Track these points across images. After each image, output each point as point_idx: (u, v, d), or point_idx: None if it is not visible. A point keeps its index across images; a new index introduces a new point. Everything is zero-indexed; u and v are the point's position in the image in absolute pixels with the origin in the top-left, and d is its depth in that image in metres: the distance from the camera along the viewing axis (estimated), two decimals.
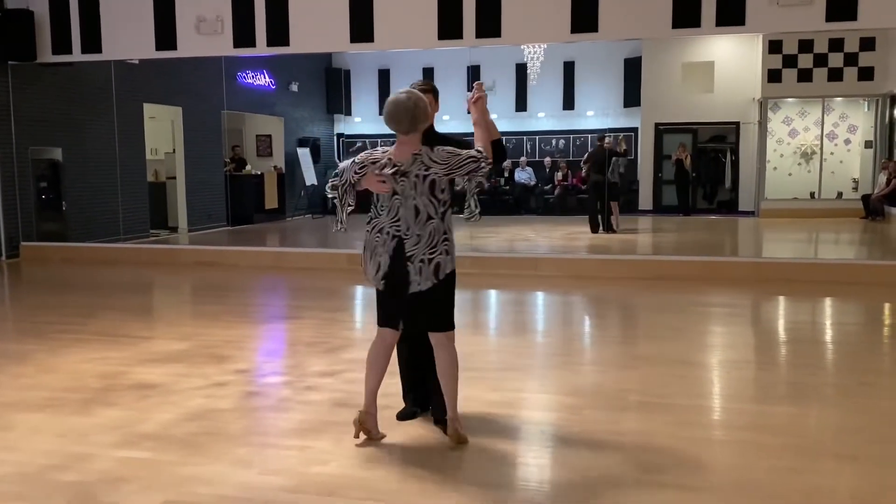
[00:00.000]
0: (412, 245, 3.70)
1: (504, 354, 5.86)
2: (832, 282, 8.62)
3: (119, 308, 7.60)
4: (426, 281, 3.71)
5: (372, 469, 3.53)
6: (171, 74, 13.71)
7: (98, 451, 3.80)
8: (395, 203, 3.72)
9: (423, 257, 3.70)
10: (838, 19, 8.40)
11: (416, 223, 3.70)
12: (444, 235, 3.75)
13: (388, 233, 3.73)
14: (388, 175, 3.70)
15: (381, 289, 3.81)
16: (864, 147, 17.46)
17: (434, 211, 3.71)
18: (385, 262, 3.74)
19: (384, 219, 3.75)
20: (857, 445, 3.80)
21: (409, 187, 3.69)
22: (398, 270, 3.72)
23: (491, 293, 8.51)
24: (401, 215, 3.71)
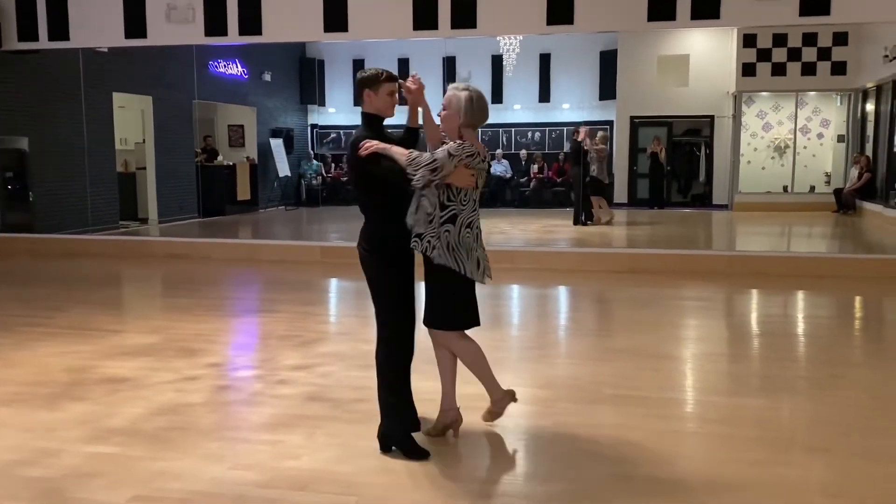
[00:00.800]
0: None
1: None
2: (804, 275, 8.70)
3: (88, 301, 7.47)
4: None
5: (345, 463, 3.49)
6: (141, 63, 13.49)
7: (66, 446, 3.72)
8: (472, 196, 3.64)
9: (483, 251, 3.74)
10: (812, 14, 8.45)
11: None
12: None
13: (478, 227, 3.68)
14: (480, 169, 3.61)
15: (485, 283, 3.75)
16: (836, 141, 17.66)
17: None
18: (483, 256, 3.69)
19: (468, 214, 3.61)
20: (829, 437, 3.83)
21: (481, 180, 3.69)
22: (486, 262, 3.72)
23: None
24: (476, 208, 3.68)
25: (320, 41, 16.87)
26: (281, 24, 9.56)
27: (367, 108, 3.70)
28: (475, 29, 9.14)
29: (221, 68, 16.33)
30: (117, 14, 9.85)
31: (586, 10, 8.84)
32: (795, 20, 8.59)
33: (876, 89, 15.69)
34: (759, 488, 3.24)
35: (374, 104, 3.67)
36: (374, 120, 3.69)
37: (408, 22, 9.22)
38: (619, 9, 8.84)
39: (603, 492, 3.22)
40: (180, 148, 15.02)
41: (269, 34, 9.66)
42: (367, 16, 9.37)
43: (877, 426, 4.00)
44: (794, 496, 3.17)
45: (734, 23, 9.51)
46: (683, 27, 10.08)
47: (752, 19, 8.93)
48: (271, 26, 9.58)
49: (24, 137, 11.64)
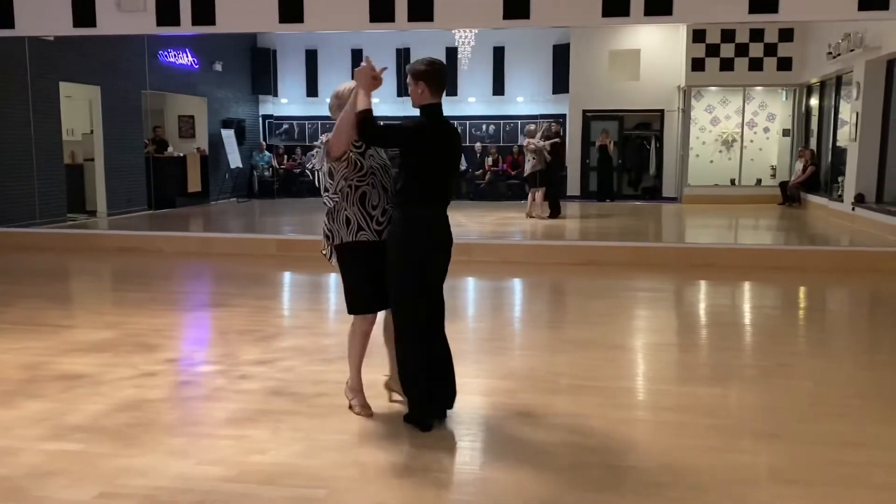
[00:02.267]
0: None
1: None
2: (752, 267, 8.95)
3: (37, 295, 7.31)
4: None
5: (311, 457, 3.51)
6: (89, 52, 13.18)
7: (24, 444, 3.67)
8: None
9: None
10: (761, 11, 8.66)
11: None
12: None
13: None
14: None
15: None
16: (781, 135, 18.13)
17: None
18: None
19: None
20: (778, 424, 3.98)
21: None
22: None
23: None
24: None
25: (273, 32, 16.65)
26: (235, 14, 9.43)
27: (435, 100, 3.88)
28: (432, 22, 9.15)
29: (171, 58, 16.03)
30: (65, 1, 9.60)
31: (542, 5, 8.91)
32: (745, 18, 8.79)
33: (820, 85, 16.16)
34: (712, 473, 3.36)
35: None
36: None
37: (364, 14, 9.18)
38: (574, 4, 8.93)
39: (562, 479, 3.29)
40: (129, 139, 14.71)
41: (223, 24, 9.50)
42: (323, 7, 9.29)
43: (823, 412, 4.16)
44: (748, 481, 3.29)
45: (686, 19, 9.70)
46: (637, 23, 10.20)
47: (704, 16, 9.13)
48: (225, 16, 9.43)
49: None
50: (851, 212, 13.17)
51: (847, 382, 4.79)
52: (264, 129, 20.05)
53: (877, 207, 12.51)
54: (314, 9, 9.30)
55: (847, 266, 8.93)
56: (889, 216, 11.63)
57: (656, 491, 3.20)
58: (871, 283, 8.28)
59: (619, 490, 3.21)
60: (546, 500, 3.12)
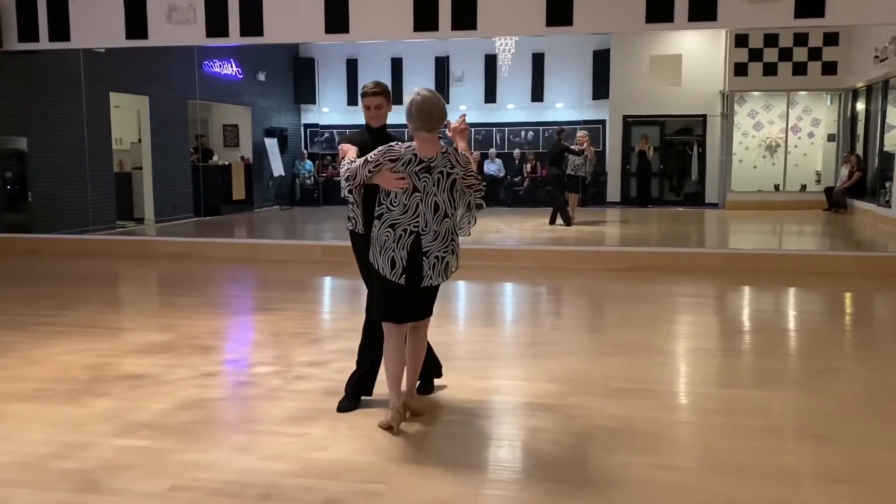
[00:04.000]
0: (429, 241, 3.79)
1: (483, 344, 5.95)
2: (796, 272, 8.88)
3: (94, 300, 7.55)
4: (438, 277, 3.84)
5: (371, 454, 3.62)
6: (137, 63, 13.54)
7: (95, 439, 3.82)
8: (414, 199, 3.76)
9: (438, 254, 3.81)
10: (807, 16, 8.62)
11: (435, 219, 3.79)
12: (453, 234, 3.88)
13: (404, 228, 3.77)
14: (413, 171, 3.76)
15: (402, 283, 3.80)
16: (826, 140, 17.88)
17: (450, 209, 3.84)
18: (402, 256, 3.77)
19: (397, 214, 3.77)
20: (828, 426, 3.99)
21: (431, 183, 3.78)
22: (413, 265, 3.78)
23: (461, 284, 8.61)
24: (420, 211, 3.77)
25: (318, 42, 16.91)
26: (282, 25, 9.66)
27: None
28: (475, 30, 9.27)
29: (216, 68, 16.40)
30: (118, 14, 9.92)
31: (585, 12, 8.98)
32: (791, 22, 8.76)
33: (866, 89, 15.93)
34: (763, 473, 3.39)
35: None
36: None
37: (408, 23, 9.33)
38: (617, 10, 8.98)
39: (611, 479, 3.35)
40: (176, 148, 15.08)
41: (271, 35, 9.74)
42: (368, 17, 9.48)
43: (874, 415, 4.16)
44: (796, 480, 3.32)
45: (731, 24, 9.67)
46: (681, 29, 10.22)
47: (749, 21, 9.09)
48: (272, 27, 9.67)
49: (23, 138, 11.70)
50: None
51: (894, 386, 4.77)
52: (306, 137, 20.35)
53: None
54: (359, 19, 9.48)
55: (893, 272, 8.81)
56: None
57: (703, 489, 3.24)
58: None
59: (675, 490, 3.26)
60: (595, 499, 3.18)
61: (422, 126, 3.78)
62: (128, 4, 9.89)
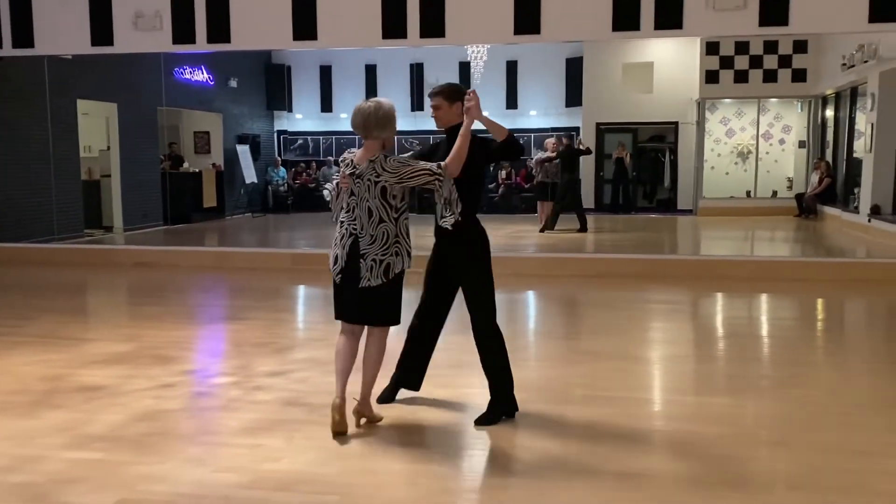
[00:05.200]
0: (366, 244, 3.93)
1: (451, 352, 5.88)
2: (765, 278, 8.94)
3: (57, 310, 7.42)
4: (376, 279, 3.93)
5: (324, 465, 3.57)
6: (105, 70, 13.38)
7: (47, 452, 3.75)
8: (352, 202, 3.97)
9: (375, 257, 3.93)
10: (771, 24, 8.71)
11: (370, 224, 3.93)
12: (395, 238, 3.95)
13: (346, 229, 3.98)
14: (347, 175, 3.96)
15: (336, 281, 4.02)
16: (797, 147, 18.08)
17: (386, 214, 3.93)
18: (341, 256, 3.98)
19: (343, 213, 4.00)
20: (787, 433, 4.00)
21: (363, 189, 3.93)
22: (351, 266, 3.93)
23: None
24: (356, 214, 3.95)
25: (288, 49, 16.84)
26: (249, 31, 9.59)
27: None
28: (444, 38, 9.26)
29: (187, 75, 16.26)
30: (83, 21, 9.80)
31: (552, 20, 9.01)
32: (756, 30, 8.83)
33: (835, 96, 16.15)
34: (718, 480, 3.39)
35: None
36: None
37: (377, 30, 9.31)
38: (584, 19, 9.02)
39: (573, 488, 3.33)
40: (145, 155, 14.91)
41: (238, 42, 9.67)
42: (336, 24, 9.44)
43: (833, 421, 4.18)
44: (751, 488, 3.32)
45: (696, 33, 9.75)
46: (647, 37, 10.29)
47: (714, 29, 9.18)
48: (240, 34, 9.60)
49: None
50: (867, 223, 13.13)
51: (858, 392, 4.80)
52: (279, 144, 20.25)
53: (893, 219, 12.47)
54: (328, 26, 9.44)
55: (862, 277, 8.91)
56: None
57: (661, 497, 3.23)
58: (887, 295, 8.25)
59: (628, 499, 3.24)
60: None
61: (358, 133, 3.98)
62: (93, 11, 9.78)
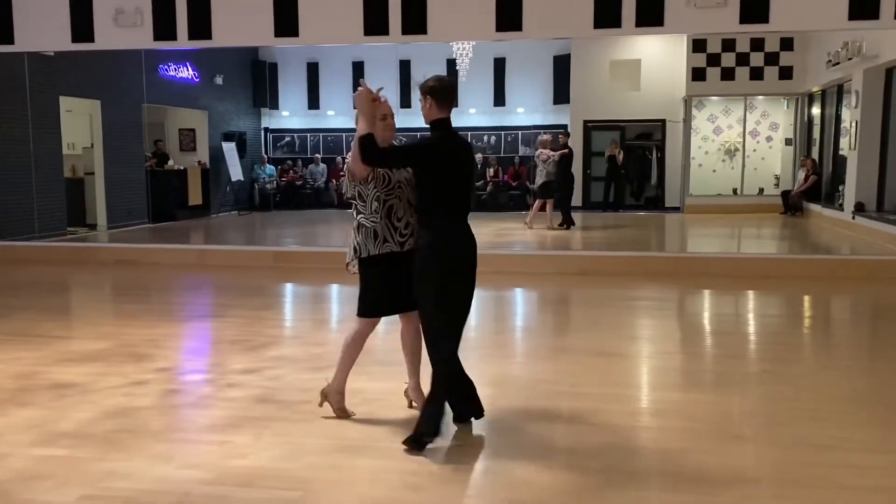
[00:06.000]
0: None
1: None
2: (749, 276, 8.95)
3: (34, 308, 7.39)
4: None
5: (290, 461, 3.57)
6: (89, 67, 13.32)
7: (13, 450, 3.74)
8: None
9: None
10: (752, 21, 8.73)
11: None
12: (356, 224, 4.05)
13: None
14: None
15: None
16: (784, 144, 18.12)
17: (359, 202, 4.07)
18: None
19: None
20: (751, 427, 4.03)
21: None
22: None
23: None
24: None
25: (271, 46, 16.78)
26: (231, 28, 9.55)
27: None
28: (426, 35, 9.25)
29: (172, 72, 16.20)
30: (63, 18, 9.74)
31: (534, 17, 9.00)
32: (736, 27, 8.84)
33: (821, 93, 16.18)
34: (681, 474, 3.41)
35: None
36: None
37: (359, 27, 9.28)
38: (565, 16, 9.01)
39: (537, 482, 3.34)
40: (129, 152, 14.83)
41: (220, 39, 9.63)
42: (318, 21, 9.41)
43: (798, 416, 4.20)
44: (713, 481, 3.33)
45: (678, 30, 9.76)
46: (629, 34, 10.30)
47: (695, 26, 9.20)
48: (221, 31, 9.56)
49: None
50: (852, 220, 13.18)
51: (827, 388, 4.82)
52: (266, 141, 20.19)
53: (877, 216, 12.51)
54: (309, 23, 9.41)
55: (846, 274, 8.95)
56: (889, 224, 11.64)
57: (621, 491, 3.24)
58: (870, 292, 8.29)
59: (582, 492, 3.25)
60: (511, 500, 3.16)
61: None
62: (73, 7, 9.71)
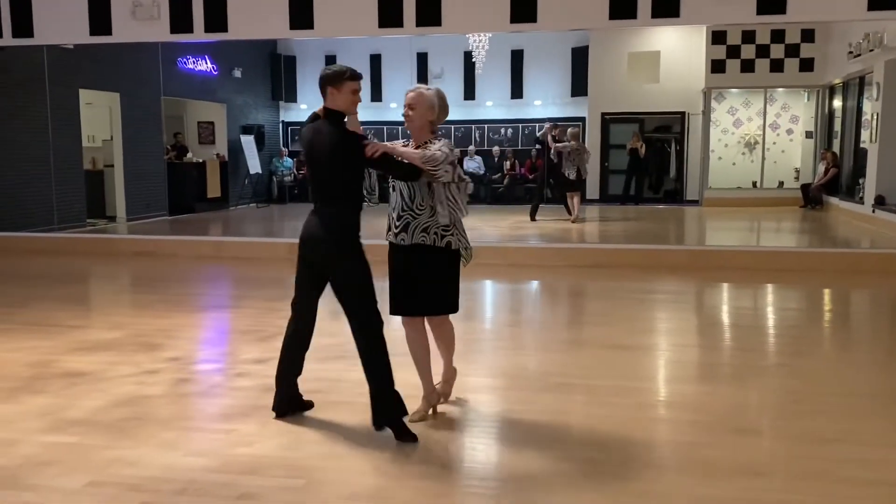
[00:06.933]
0: None
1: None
2: (765, 269, 8.86)
3: (51, 298, 7.48)
4: None
5: (295, 450, 3.60)
6: (108, 59, 13.43)
7: (24, 436, 3.80)
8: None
9: None
10: (769, 13, 8.63)
11: None
12: None
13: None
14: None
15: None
16: (805, 137, 17.91)
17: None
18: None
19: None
20: (757, 421, 4.01)
21: None
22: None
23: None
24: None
25: (287, 38, 16.84)
26: (247, 21, 9.59)
27: (330, 105, 3.85)
28: (440, 26, 9.24)
29: (191, 65, 16.29)
30: (82, 11, 9.83)
31: (549, 8, 8.96)
32: (753, 19, 8.75)
33: (842, 85, 15.97)
34: (685, 467, 3.40)
35: (336, 101, 3.83)
36: (337, 116, 3.86)
37: (373, 19, 9.29)
38: (581, 7, 8.96)
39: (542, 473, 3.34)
40: (148, 145, 14.96)
41: (235, 31, 9.68)
42: (333, 13, 9.43)
43: (805, 410, 4.17)
44: (712, 474, 3.32)
45: (694, 21, 9.65)
46: (644, 25, 10.23)
47: (712, 17, 9.11)
48: (237, 23, 9.61)
49: None
50: (872, 214, 13.02)
51: (836, 381, 4.79)
52: (284, 134, 20.27)
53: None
54: (324, 15, 9.43)
55: (865, 268, 8.84)
56: None
57: (624, 484, 3.23)
58: (889, 286, 8.18)
59: (590, 483, 3.25)
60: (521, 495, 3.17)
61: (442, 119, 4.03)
62: (92, 1, 9.81)
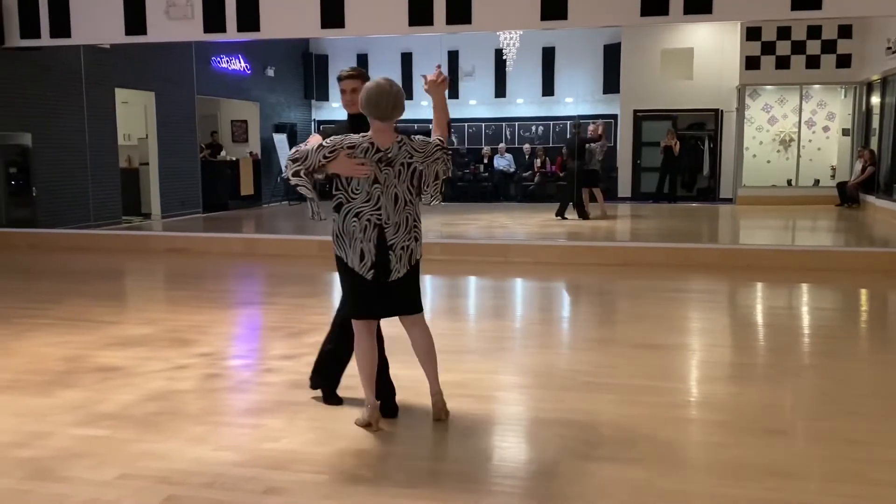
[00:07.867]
0: (392, 233, 3.69)
1: (462, 338, 5.95)
2: (798, 268, 8.73)
3: (87, 293, 7.63)
4: (403, 268, 3.74)
5: (322, 446, 3.63)
6: (144, 59, 13.65)
7: (56, 429, 3.87)
8: (374, 191, 3.65)
9: (403, 244, 3.72)
10: (804, 8, 8.50)
11: (396, 211, 3.69)
12: (415, 222, 3.77)
13: (367, 220, 3.67)
14: (373, 161, 3.65)
15: (369, 278, 3.70)
16: (841, 135, 17.61)
17: (410, 198, 3.74)
18: (369, 250, 3.67)
19: (359, 204, 3.66)
20: (786, 421, 3.96)
21: (392, 175, 3.67)
22: (381, 259, 3.69)
23: (458, 280, 8.61)
24: (381, 203, 3.66)
25: (318, 37, 16.94)
26: (279, 20, 9.70)
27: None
28: (470, 24, 9.24)
29: (224, 64, 16.49)
30: (117, 11, 10.00)
31: (580, 5, 8.92)
32: (788, 14, 8.63)
33: (881, 82, 15.65)
34: (714, 468, 3.36)
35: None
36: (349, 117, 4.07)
37: (403, 18, 9.33)
38: (612, 4, 8.92)
39: (567, 472, 3.33)
40: (183, 143, 15.19)
41: (267, 30, 9.79)
42: (364, 12, 9.48)
43: (835, 411, 4.12)
44: (739, 475, 3.28)
45: (727, 17, 9.55)
46: (676, 22, 10.13)
47: (745, 14, 9.01)
48: (269, 22, 9.71)
49: (28, 133, 11.84)
50: None
51: (867, 382, 4.71)
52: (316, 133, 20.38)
53: None
54: (355, 14, 9.49)
55: None
56: None
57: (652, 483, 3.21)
58: None
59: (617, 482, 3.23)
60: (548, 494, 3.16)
61: (372, 114, 3.65)
62: (127, 1, 9.97)
